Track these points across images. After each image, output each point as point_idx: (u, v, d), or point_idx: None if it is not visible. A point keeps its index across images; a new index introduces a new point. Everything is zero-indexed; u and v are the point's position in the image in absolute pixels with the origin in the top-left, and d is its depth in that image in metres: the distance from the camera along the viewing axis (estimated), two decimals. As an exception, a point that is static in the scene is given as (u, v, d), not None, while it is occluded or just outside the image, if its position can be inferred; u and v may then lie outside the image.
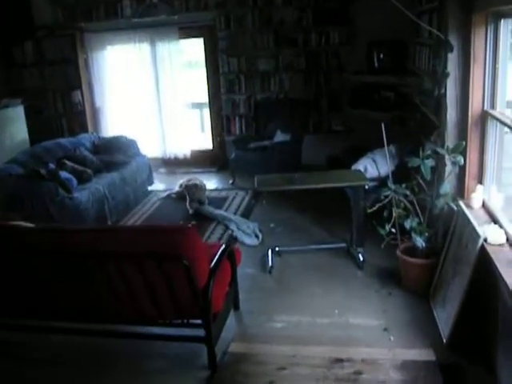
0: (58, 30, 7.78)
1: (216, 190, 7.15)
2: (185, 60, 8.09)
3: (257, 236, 5.35)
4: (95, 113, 8.30)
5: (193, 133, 8.45)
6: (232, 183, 7.34)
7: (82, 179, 6.07)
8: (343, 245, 4.88)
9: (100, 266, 3.11)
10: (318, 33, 7.35)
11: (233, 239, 5.35)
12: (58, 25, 7.78)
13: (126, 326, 3.48)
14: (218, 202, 6.53)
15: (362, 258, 4.54)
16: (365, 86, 7.09)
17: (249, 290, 4.29)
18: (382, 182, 4.80)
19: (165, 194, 6.94)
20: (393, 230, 3.91)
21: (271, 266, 4.60)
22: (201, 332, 3.24)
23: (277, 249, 4.88)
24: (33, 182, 5.30)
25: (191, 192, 6.45)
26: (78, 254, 3.03)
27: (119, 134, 7.35)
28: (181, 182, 6.87)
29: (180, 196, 6.66)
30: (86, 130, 8.02)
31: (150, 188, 7.30)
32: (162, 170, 8.28)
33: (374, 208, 3.92)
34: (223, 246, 3.66)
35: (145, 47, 7.89)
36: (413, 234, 3.78)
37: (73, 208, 5.41)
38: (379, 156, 4.83)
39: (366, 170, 4.86)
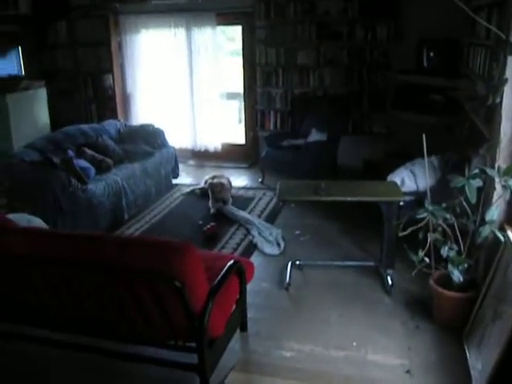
0: (93, 11, 7.48)
1: (244, 188, 6.73)
2: (222, 48, 7.66)
3: (279, 244, 4.92)
4: (126, 99, 8.00)
5: (226, 125, 8.05)
6: (261, 182, 6.91)
7: (101, 169, 5.77)
8: (372, 263, 4.40)
9: (83, 277, 2.75)
10: (363, 27, 6.79)
11: (252, 246, 4.94)
12: (93, 5, 7.47)
13: (112, 343, 3.11)
14: (244, 202, 6.12)
15: (390, 282, 4.05)
16: (411, 87, 6.51)
17: (260, 307, 3.87)
18: (420, 197, 4.29)
19: (189, 189, 6.57)
20: (426, 260, 3.40)
21: (288, 283, 4.16)
22: (195, 358, 2.84)
23: (298, 262, 4.44)
24: (44, 170, 5.01)
25: (216, 190, 6.06)
26: (55, 262, 2.67)
27: (146, 123, 7.01)
28: (206, 177, 6.49)
29: (204, 193, 6.28)
30: (115, 117, 7.74)
31: (174, 181, 6.95)
32: (191, 162, 7.93)
33: (405, 232, 3.41)
34: (231, 261, 3.24)
35: (180, 32, 7.51)
36: (449, 266, 3.27)
37: (85, 201, 5.09)
38: (419, 168, 4.31)
39: (403, 182, 4.34)
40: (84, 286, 2.79)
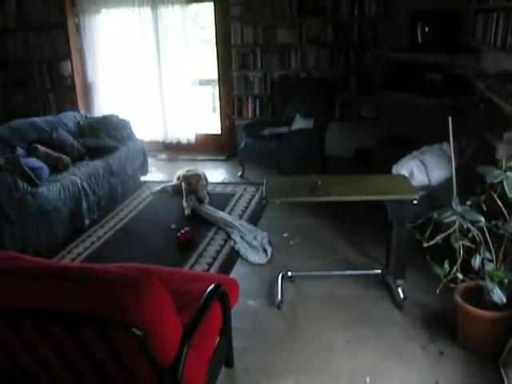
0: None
1: (222, 183, 6.01)
2: (192, 28, 6.88)
3: (265, 250, 4.23)
4: (87, 88, 7.17)
5: (200, 114, 7.28)
6: (241, 176, 6.20)
7: (57, 168, 4.99)
8: (377, 271, 3.73)
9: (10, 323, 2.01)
10: (350, 0, 6.08)
11: (235, 254, 4.23)
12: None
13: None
14: (222, 200, 5.40)
15: (402, 295, 3.39)
16: (404, 66, 5.85)
17: (247, 333, 3.18)
18: (432, 192, 3.63)
19: (159, 186, 5.82)
20: (459, 276, 2.73)
21: (281, 300, 3.47)
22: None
23: (289, 274, 3.75)
24: (-16, 173, 4.22)
25: (189, 187, 5.34)
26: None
27: (109, 114, 6.22)
28: (179, 173, 5.74)
29: (177, 190, 5.55)
30: (76, 108, 6.93)
31: (143, 178, 6.19)
32: (163, 155, 7.16)
33: (433, 242, 2.73)
34: (211, 286, 2.52)
35: (145, 11, 6.70)
36: (488, 283, 2.61)
37: (37, 206, 4.32)
38: (431, 157, 3.66)
39: (411, 174, 3.68)
40: (15, 335, 2.05)
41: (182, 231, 4.49)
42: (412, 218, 3.21)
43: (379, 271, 3.71)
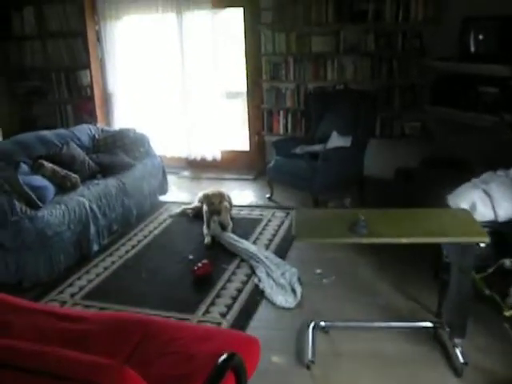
0: (64, -6, 6.23)
1: (247, 206, 5.42)
2: (219, 36, 6.36)
3: (294, 291, 3.61)
4: (107, 99, 6.71)
5: (227, 129, 6.73)
6: (269, 198, 5.61)
7: (64, 187, 4.50)
8: (428, 324, 3.08)
9: None
10: (395, 3, 5.46)
11: (259, 293, 3.64)
12: (64, -13, 6.22)
13: None
14: (248, 226, 4.82)
15: (461, 359, 2.73)
16: (454, 78, 5.19)
17: (270, 404, 2.57)
18: (500, 230, 2.97)
19: (179, 209, 5.27)
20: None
21: (311, 360, 2.84)
22: None
23: (322, 324, 3.13)
24: (-24, 193, 3.74)
25: (211, 207, 4.77)
26: None
27: (126, 127, 5.72)
28: (200, 194, 5.18)
29: (197, 213, 5.00)
30: (94, 120, 6.47)
31: (162, 198, 5.66)
32: (185, 173, 6.63)
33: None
34: (223, 356, 1.93)
35: (170, 18, 6.21)
36: None
37: (35, 232, 3.82)
38: (496, 187, 3.01)
39: (473, 207, 3.02)
40: None
41: (200, 264, 3.92)
42: (475, 262, 2.57)
43: (431, 324, 3.06)
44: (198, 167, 6.68)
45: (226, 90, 6.62)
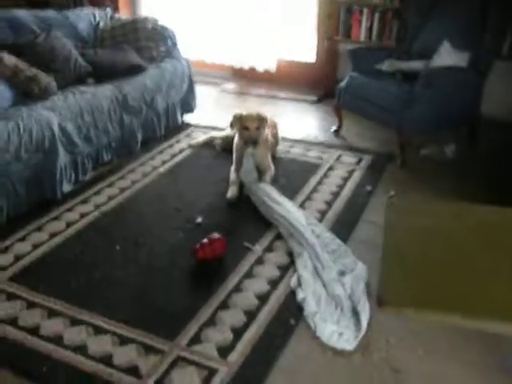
0: None
1: (303, 142, 3.77)
2: None
3: (357, 314, 2.04)
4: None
5: (286, 32, 4.93)
6: (336, 132, 3.94)
7: (30, 94, 3.01)
8: None
9: None
10: None
11: (295, 309, 2.10)
12: None
13: None
14: (298, 175, 3.22)
15: None
16: None
17: None
18: None
19: (206, 136, 3.71)
20: None
21: None
22: None
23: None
24: None
25: (245, 135, 3.10)
26: None
27: (144, 16, 4.09)
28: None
29: (228, 145, 3.40)
30: (115, 5, 4.87)
31: (187, 119, 4.10)
32: (230, 85, 4.99)
33: None
34: None
35: None
36: None
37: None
38: None
39: None
40: None
41: (206, 240, 2.38)
42: None
43: None
44: (245, 80, 5.03)
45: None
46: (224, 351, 1.87)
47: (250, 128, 3.09)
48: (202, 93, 4.48)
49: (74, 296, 2.14)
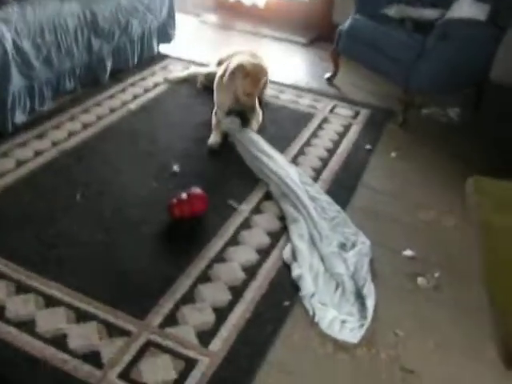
0: None
1: (294, 87, 3.36)
2: None
3: (361, 298, 1.74)
4: None
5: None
6: (329, 79, 3.53)
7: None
8: None
9: None
10: None
11: (289, 285, 1.77)
12: None
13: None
14: (288, 125, 2.84)
15: None
16: None
17: None
18: None
19: (186, 71, 3.26)
20: None
21: None
22: None
23: None
24: None
25: (232, 85, 2.71)
26: None
27: None
28: (224, 55, 3.10)
29: (212, 84, 2.96)
30: None
31: (163, 49, 3.63)
32: (211, 17, 4.49)
33: None
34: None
35: None
36: None
37: None
38: None
39: None
40: None
41: (184, 195, 2.01)
42: None
43: None
44: (230, 13, 4.52)
45: None
46: (205, 337, 1.54)
47: (252, 94, 2.66)
48: (179, 23, 3.97)
49: (21, 255, 1.76)
